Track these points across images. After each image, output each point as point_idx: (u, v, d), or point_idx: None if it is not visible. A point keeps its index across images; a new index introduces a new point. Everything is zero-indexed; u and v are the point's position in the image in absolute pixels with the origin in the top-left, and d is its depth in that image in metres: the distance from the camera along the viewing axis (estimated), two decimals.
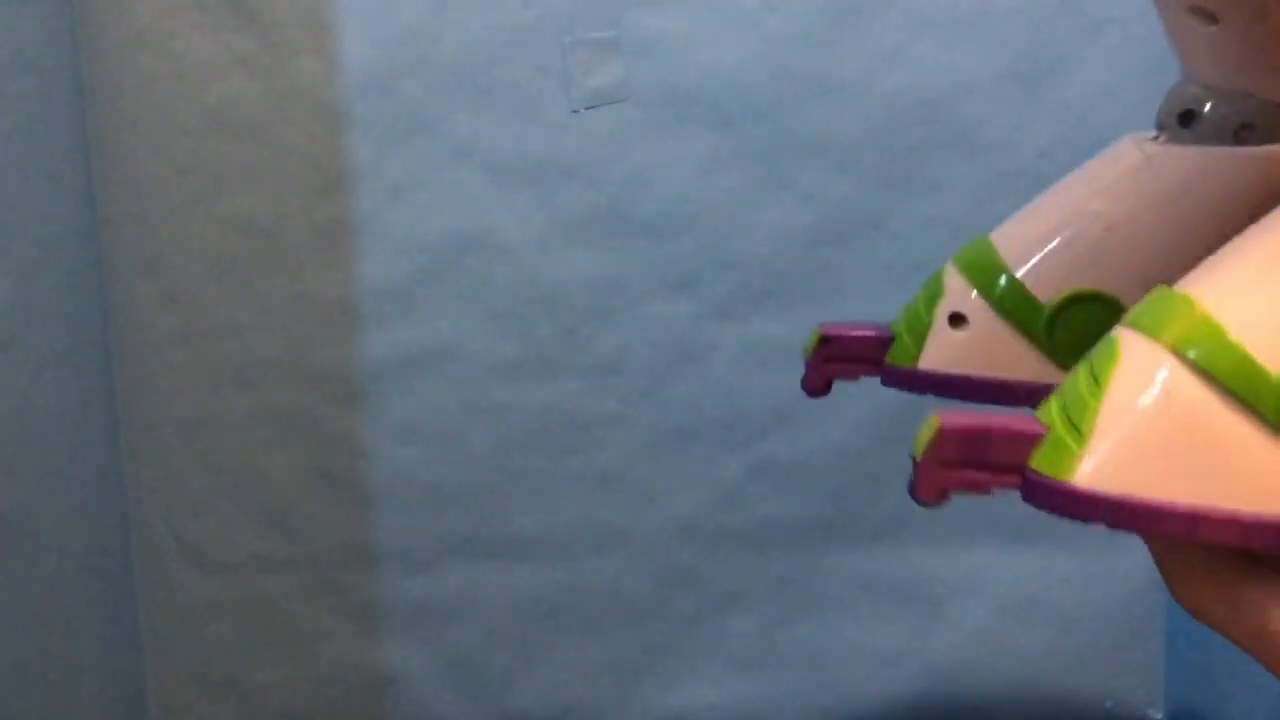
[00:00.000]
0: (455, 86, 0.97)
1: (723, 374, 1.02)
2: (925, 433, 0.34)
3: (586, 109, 0.97)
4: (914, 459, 0.34)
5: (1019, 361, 0.42)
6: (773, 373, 1.02)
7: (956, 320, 0.43)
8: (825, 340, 0.46)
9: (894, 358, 0.44)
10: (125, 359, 1.00)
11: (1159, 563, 0.34)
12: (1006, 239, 0.44)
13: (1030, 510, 0.45)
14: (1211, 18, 0.38)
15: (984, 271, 0.43)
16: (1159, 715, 1.05)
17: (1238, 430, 0.30)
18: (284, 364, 1.00)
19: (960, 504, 0.50)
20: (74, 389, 0.96)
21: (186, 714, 1.05)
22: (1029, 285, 0.42)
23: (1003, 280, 0.42)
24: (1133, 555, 1.02)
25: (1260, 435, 0.30)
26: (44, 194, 0.91)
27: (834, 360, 0.46)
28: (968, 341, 0.42)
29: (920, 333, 0.43)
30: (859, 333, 0.46)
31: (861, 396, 1.02)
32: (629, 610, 1.05)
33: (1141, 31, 0.97)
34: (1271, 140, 0.39)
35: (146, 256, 0.98)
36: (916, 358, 0.43)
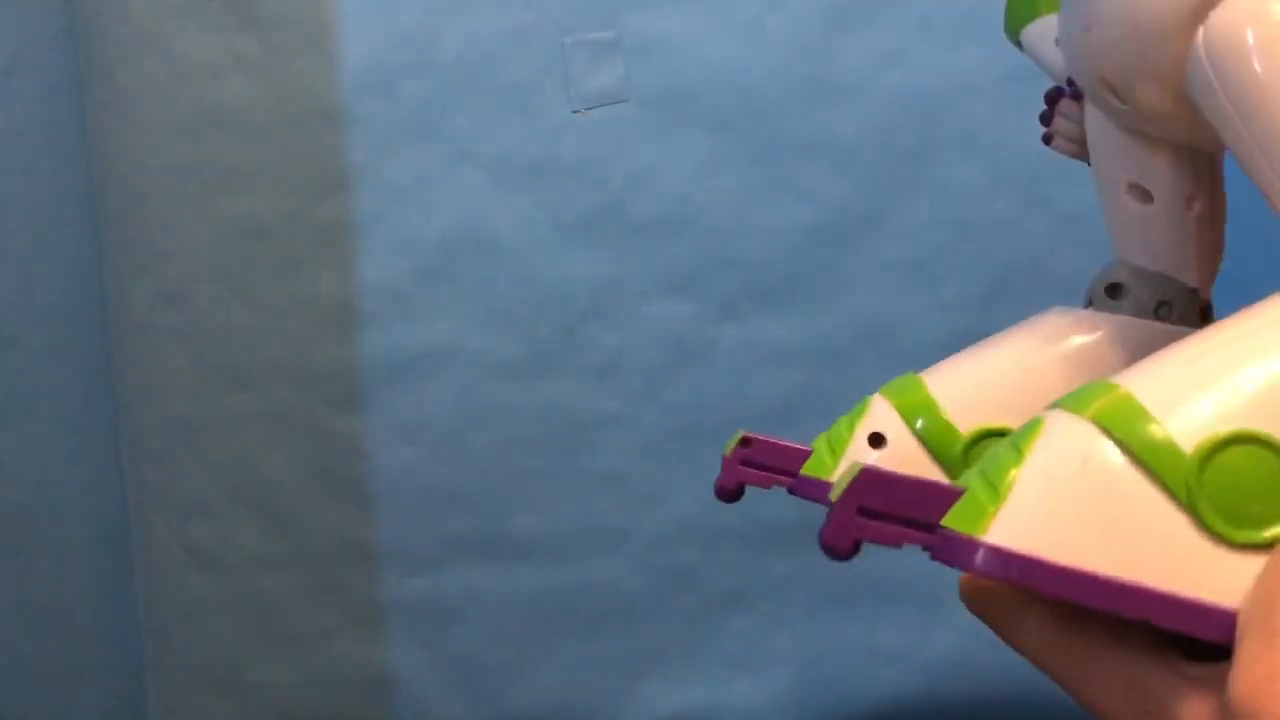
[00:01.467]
0: (455, 87, 0.97)
1: (723, 374, 1.02)
2: (846, 478, 0.34)
3: (586, 109, 0.98)
4: (830, 503, 0.34)
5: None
6: (773, 373, 1.02)
7: (876, 440, 0.45)
8: (746, 442, 0.48)
9: (809, 469, 0.46)
10: (125, 359, 1.00)
11: (1041, 651, 0.35)
12: (936, 378, 0.46)
13: None
14: (1147, 197, 0.42)
15: (910, 403, 0.45)
16: None
17: (1150, 505, 0.31)
18: (284, 364, 1.00)
19: None
20: (74, 389, 0.96)
21: (187, 713, 1.05)
22: (951, 418, 0.44)
23: (927, 414, 0.44)
24: None
25: (1171, 512, 0.31)
26: (44, 194, 0.91)
27: (751, 465, 0.48)
28: (883, 461, 0.44)
29: (839, 450, 0.45)
30: (780, 443, 0.48)
31: (861, 396, 1.03)
32: (629, 610, 1.05)
33: None
34: (1186, 320, 0.43)
35: (146, 256, 0.98)
36: (832, 470, 0.45)
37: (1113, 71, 0.39)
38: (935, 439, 0.44)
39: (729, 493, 0.48)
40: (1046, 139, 0.47)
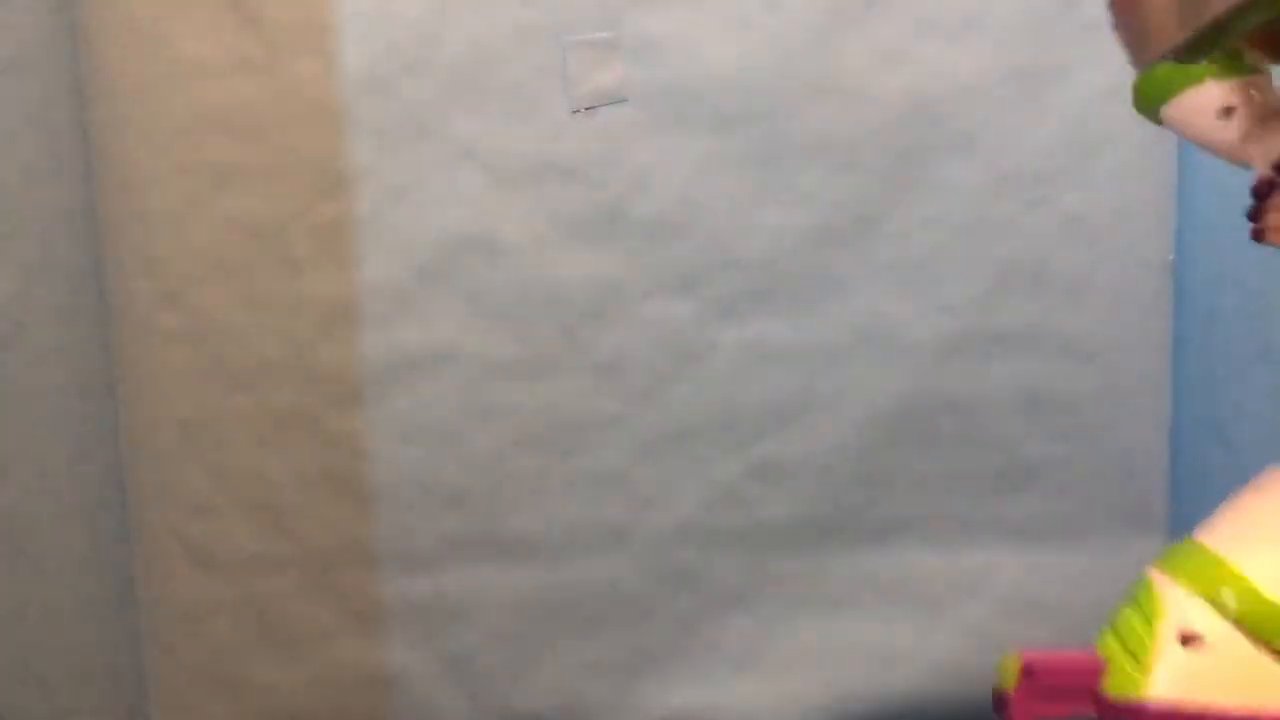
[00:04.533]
0: (455, 87, 0.97)
1: (723, 374, 1.02)
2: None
3: (586, 109, 0.98)
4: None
5: (1272, 682, 0.37)
6: (773, 373, 1.02)
7: (1189, 640, 0.38)
8: (1028, 672, 0.42)
9: (1116, 687, 0.39)
10: (125, 359, 1.00)
11: None
12: (1224, 540, 0.39)
13: (1030, 510, 0.44)
14: None
15: (1208, 579, 0.38)
16: None
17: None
18: (284, 364, 1.00)
19: (960, 504, 0.50)
20: (74, 389, 0.96)
21: (187, 714, 1.05)
22: (1267, 591, 0.37)
23: (1234, 591, 0.38)
24: (1132, 555, 1.02)
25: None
26: (44, 194, 0.91)
27: (1040, 697, 0.42)
28: (1208, 665, 0.38)
29: (1143, 656, 0.39)
30: (1065, 661, 0.41)
31: (861, 396, 1.03)
32: (629, 610, 1.05)
33: None
34: None
35: (146, 256, 0.98)
36: (1143, 685, 0.39)
37: None
38: (1261, 623, 0.37)
39: None
40: (1257, 235, 0.41)
